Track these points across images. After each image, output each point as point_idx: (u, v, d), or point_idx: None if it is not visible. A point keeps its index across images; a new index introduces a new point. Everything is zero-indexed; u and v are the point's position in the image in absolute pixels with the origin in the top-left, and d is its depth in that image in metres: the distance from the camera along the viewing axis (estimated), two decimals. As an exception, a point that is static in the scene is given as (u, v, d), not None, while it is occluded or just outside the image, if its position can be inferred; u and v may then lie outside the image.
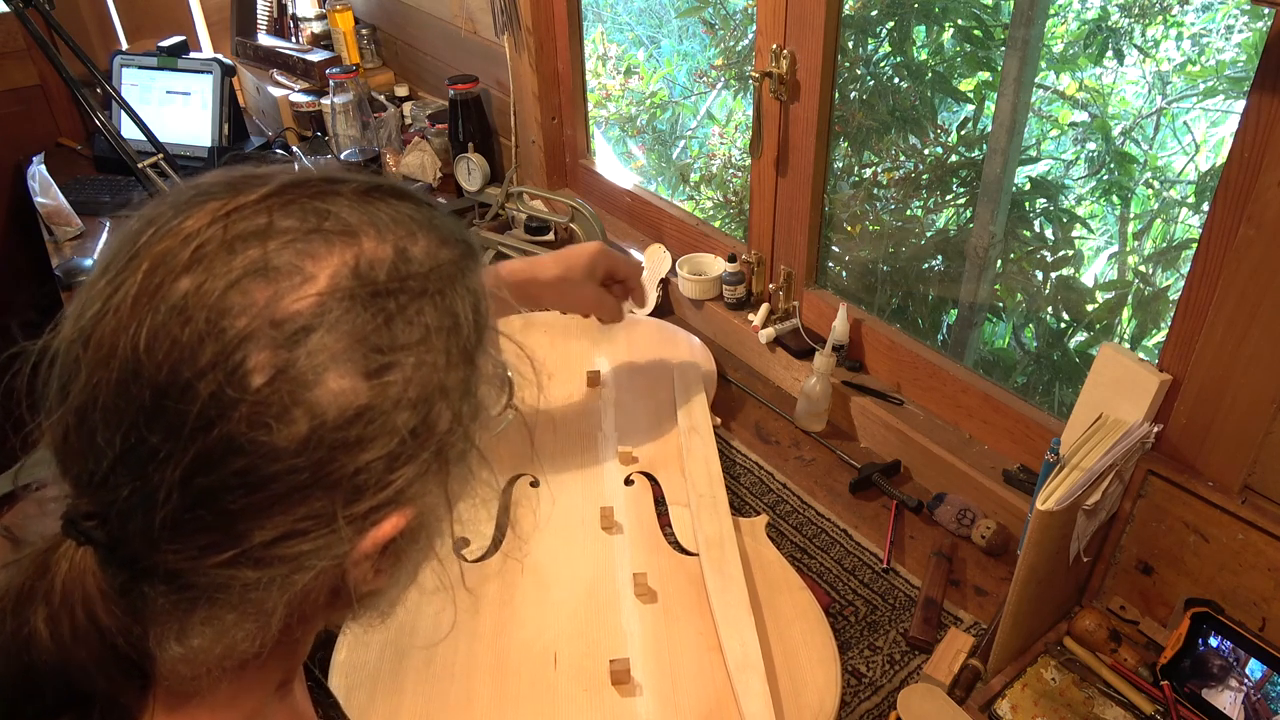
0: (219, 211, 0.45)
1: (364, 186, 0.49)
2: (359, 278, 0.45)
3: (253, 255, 0.43)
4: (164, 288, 0.43)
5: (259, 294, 0.42)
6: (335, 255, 0.45)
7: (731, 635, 0.90)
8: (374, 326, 0.44)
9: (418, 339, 0.46)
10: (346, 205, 0.47)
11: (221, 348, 0.41)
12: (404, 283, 0.46)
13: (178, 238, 0.44)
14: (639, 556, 1.01)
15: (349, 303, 0.44)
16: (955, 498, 1.11)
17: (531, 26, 1.62)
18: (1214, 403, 0.87)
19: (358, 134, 1.96)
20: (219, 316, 0.42)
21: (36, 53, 2.12)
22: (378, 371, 0.44)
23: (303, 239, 0.45)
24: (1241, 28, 1.44)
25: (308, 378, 0.42)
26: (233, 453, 0.42)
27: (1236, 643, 0.86)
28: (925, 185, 1.64)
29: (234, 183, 0.47)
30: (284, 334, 0.42)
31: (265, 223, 0.45)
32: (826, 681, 0.88)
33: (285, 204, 0.46)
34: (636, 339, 1.39)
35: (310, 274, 0.44)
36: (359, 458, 0.44)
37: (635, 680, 0.88)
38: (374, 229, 0.47)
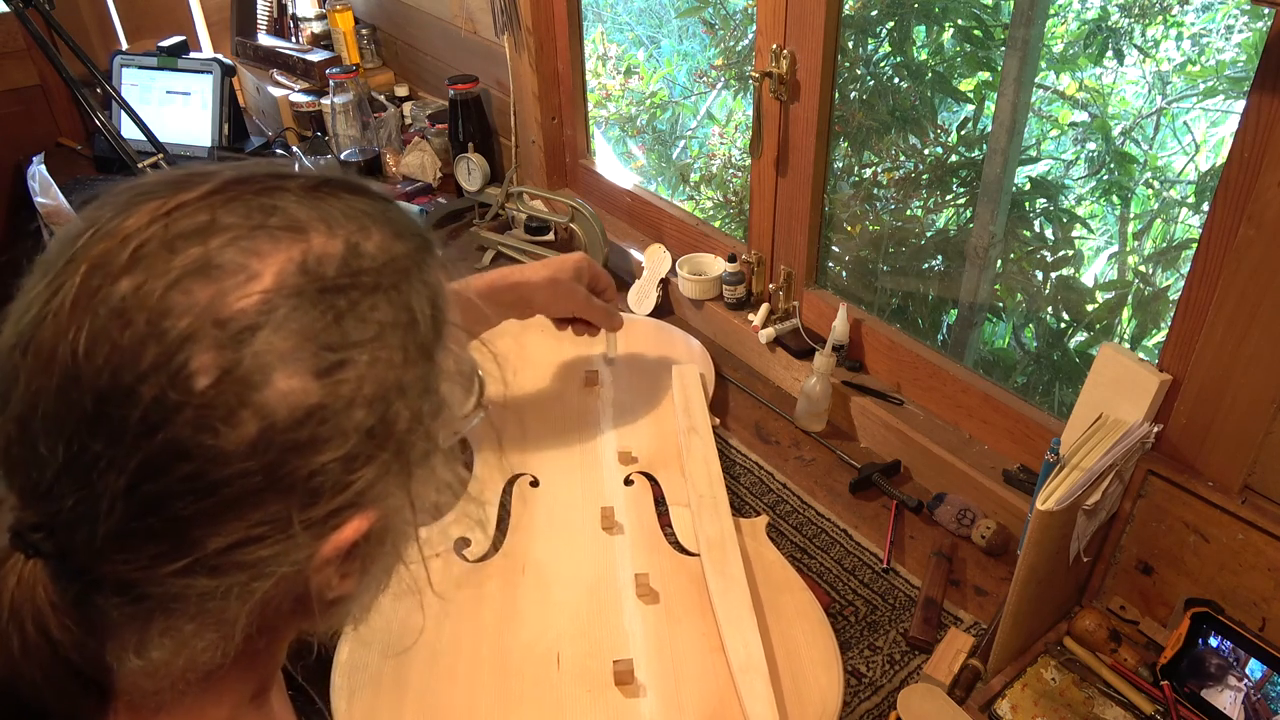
0: (159, 210, 0.43)
1: (312, 181, 0.48)
2: (307, 274, 0.43)
3: (194, 254, 0.42)
4: (103, 290, 0.41)
5: (201, 293, 0.41)
6: (282, 251, 0.43)
7: (734, 636, 0.90)
8: (324, 324, 0.43)
9: (371, 336, 0.45)
10: (294, 200, 0.46)
11: (163, 350, 0.40)
12: (355, 278, 0.45)
13: (116, 238, 0.42)
14: (640, 557, 1.01)
15: (296, 299, 0.42)
16: (955, 498, 1.11)
17: (531, 26, 1.62)
18: (1214, 403, 0.87)
19: (358, 134, 1.96)
20: (160, 318, 0.40)
21: (36, 53, 2.11)
22: (329, 370, 0.43)
23: (247, 236, 0.43)
24: (1241, 28, 1.44)
25: (254, 378, 0.41)
26: (179, 458, 0.40)
27: (1236, 643, 0.86)
28: (925, 185, 1.64)
29: (175, 181, 0.46)
30: (228, 333, 0.41)
31: (207, 220, 0.43)
32: (829, 682, 0.88)
33: (228, 200, 0.44)
34: (635, 339, 1.39)
35: (255, 271, 0.42)
36: (313, 459, 0.43)
37: (639, 681, 0.88)
38: (324, 224, 0.45)
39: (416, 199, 1.89)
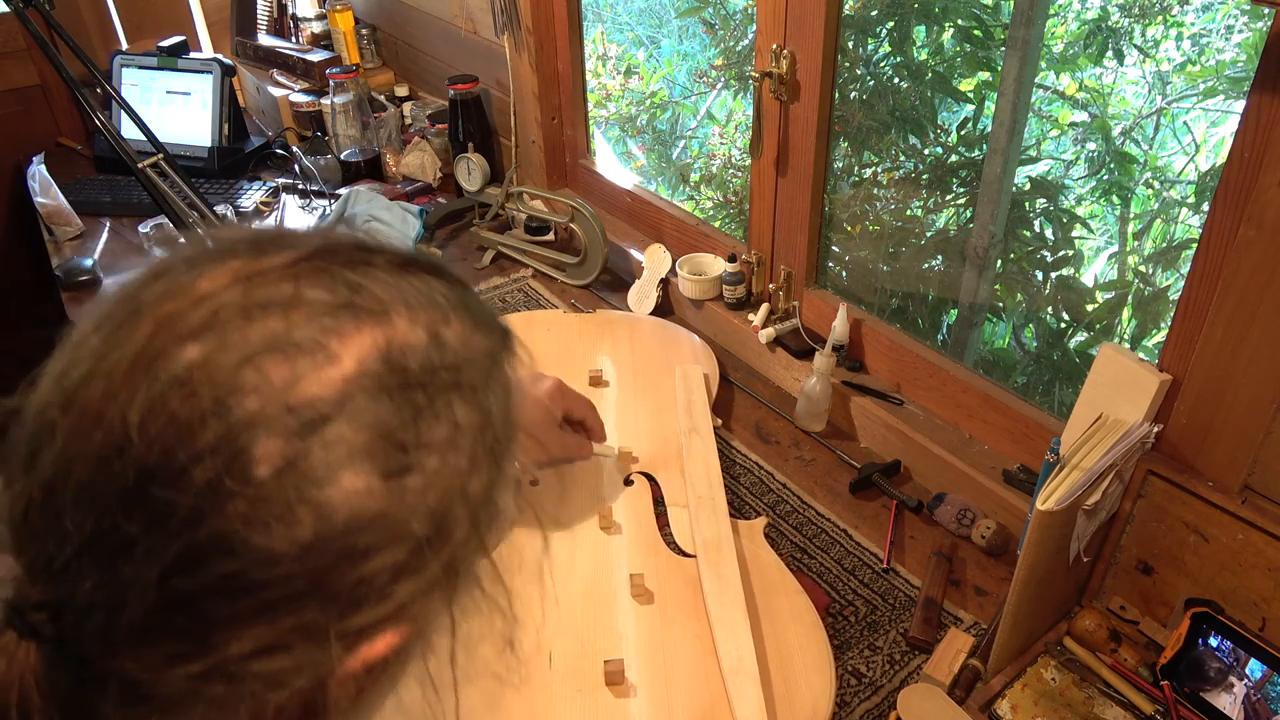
0: (240, 273, 0.40)
1: (400, 259, 0.44)
2: (388, 363, 0.40)
3: (273, 327, 0.38)
4: (167, 354, 0.37)
5: (275, 373, 0.37)
6: (365, 335, 0.40)
7: (726, 638, 0.90)
8: (399, 420, 0.39)
9: (444, 437, 0.41)
10: (380, 279, 0.42)
11: (226, 430, 0.36)
12: (436, 373, 0.41)
13: (189, 298, 0.39)
14: (636, 557, 1.01)
15: (375, 391, 0.39)
16: (955, 498, 1.11)
17: (531, 26, 1.62)
18: (1214, 403, 0.87)
19: (358, 134, 1.96)
20: (227, 394, 0.36)
21: (36, 53, 2.11)
22: (398, 472, 0.39)
23: (330, 314, 0.39)
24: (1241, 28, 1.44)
25: (319, 473, 0.37)
26: (223, 553, 0.36)
27: (1236, 643, 0.86)
28: (925, 185, 1.64)
29: (258, 242, 0.42)
30: (299, 421, 0.37)
31: (291, 291, 0.39)
32: (821, 686, 0.88)
33: (315, 272, 0.41)
34: (639, 338, 1.39)
35: (335, 354, 0.38)
36: (363, 567, 0.39)
37: (629, 681, 0.88)
38: (406, 308, 0.42)
39: (416, 199, 1.89)
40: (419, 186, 1.92)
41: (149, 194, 1.40)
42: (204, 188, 1.89)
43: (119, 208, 1.88)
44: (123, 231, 1.81)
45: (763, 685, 0.86)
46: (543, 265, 1.65)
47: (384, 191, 1.86)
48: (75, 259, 1.68)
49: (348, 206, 1.76)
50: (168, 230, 1.74)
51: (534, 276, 1.64)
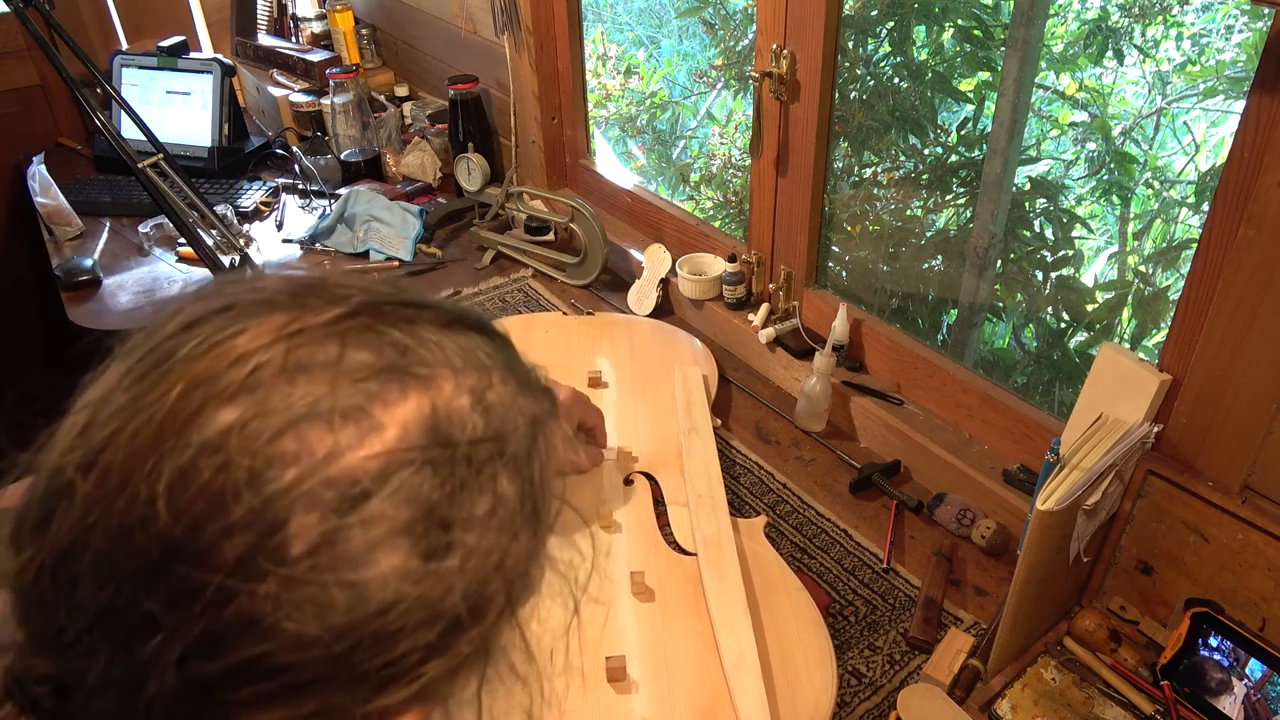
0: (282, 330, 0.37)
1: (446, 316, 0.42)
2: (434, 433, 0.37)
3: (316, 392, 0.36)
4: (201, 417, 0.35)
5: (317, 442, 0.35)
6: (410, 402, 0.37)
7: (728, 635, 0.90)
8: (443, 495, 0.37)
9: (486, 511, 0.39)
10: (426, 338, 0.40)
11: (261, 504, 0.34)
12: (480, 445, 0.39)
13: (226, 355, 0.36)
14: (637, 555, 1.02)
15: (419, 464, 0.36)
16: (955, 498, 1.11)
17: (531, 26, 1.62)
18: (1214, 403, 0.87)
19: (358, 134, 1.96)
20: (264, 464, 0.34)
21: (36, 53, 2.11)
22: (438, 552, 0.37)
23: (376, 378, 0.37)
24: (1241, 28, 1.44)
25: (358, 553, 0.35)
26: (250, 636, 0.34)
27: (1236, 643, 0.86)
28: (925, 185, 1.64)
29: (300, 292, 0.39)
30: (339, 496, 0.35)
31: (336, 352, 0.37)
32: (823, 682, 0.88)
33: (361, 330, 0.38)
34: (638, 340, 1.39)
35: (379, 423, 0.36)
36: (393, 649, 0.36)
37: (631, 678, 0.88)
38: (452, 371, 0.39)
39: (416, 199, 1.89)
40: (419, 186, 1.92)
41: (149, 194, 1.40)
42: (204, 188, 1.89)
43: (119, 208, 1.88)
44: (123, 231, 1.81)
45: (764, 681, 0.86)
46: (543, 265, 1.65)
47: (384, 191, 1.86)
48: (75, 259, 1.68)
49: (348, 206, 1.76)
50: (167, 230, 1.74)
51: (534, 276, 1.64)
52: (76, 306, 1.60)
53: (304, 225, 1.81)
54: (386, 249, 1.69)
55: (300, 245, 1.74)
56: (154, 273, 1.68)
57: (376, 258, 1.69)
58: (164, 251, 1.74)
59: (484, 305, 1.55)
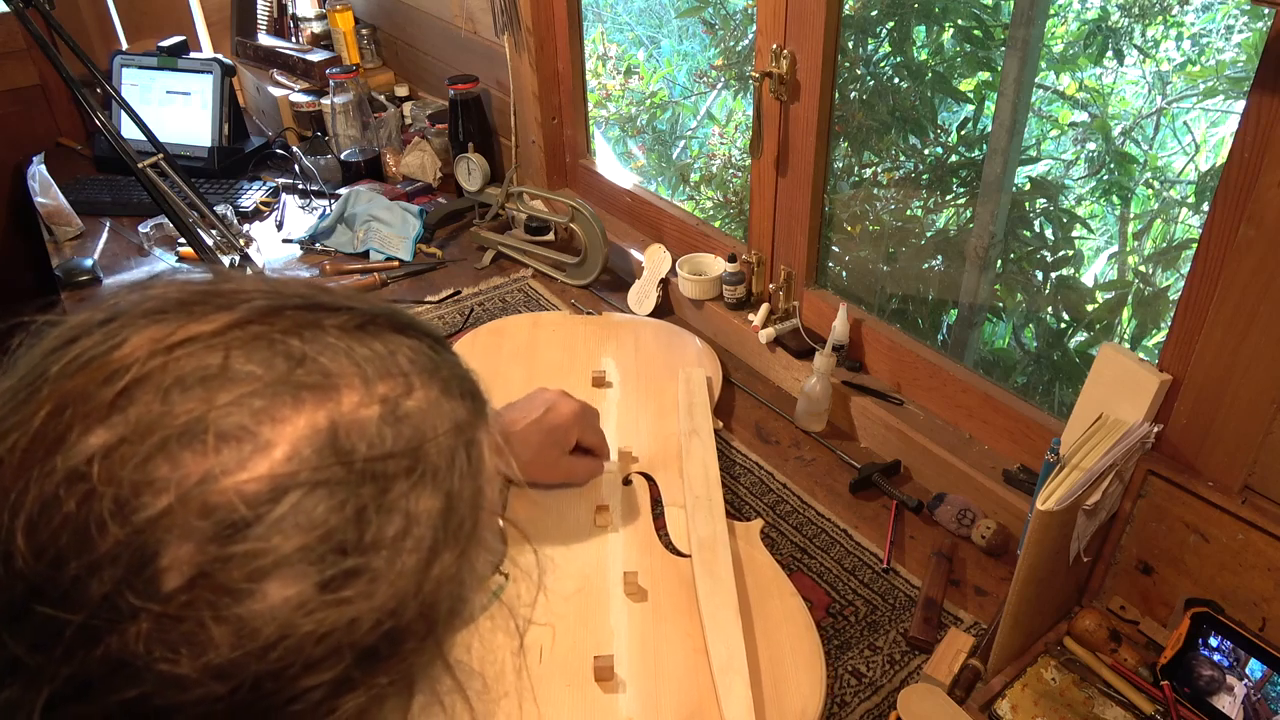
0: (161, 341, 0.34)
1: (358, 318, 0.38)
2: (333, 450, 0.34)
3: (192, 410, 0.33)
4: (66, 441, 0.32)
5: (192, 465, 0.32)
6: (303, 417, 0.34)
7: (717, 637, 0.90)
8: (341, 519, 0.34)
9: (396, 532, 0.35)
10: (329, 344, 0.36)
11: (128, 535, 0.31)
12: (389, 459, 0.35)
13: (101, 371, 0.33)
14: (631, 555, 1.02)
15: (312, 486, 0.33)
16: (955, 498, 1.11)
17: (531, 26, 1.62)
18: (1214, 403, 0.87)
19: (358, 134, 1.96)
20: (132, 492, 0.31)
21: (36, 53, 2.12)
22: (337, 581, 0.33)
23: (264, 392, 0.34)
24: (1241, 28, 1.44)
25: (240, 585, 0.31)
26: (124, 679, 0.31)
27: (1236, 643, 0.86)
28: (925, 185, 1.64)
29: (190, 299, 0.36)
30: (216, 524, 0.31)
31: (219, 364, 0.34)
32: (811, 687, 0.87)
33: (250, 340, 0.35)
34: (643, 340, 1.39)
35: (266, 441, 0.33)
36: (295, 686, 0.33)
37: (619, 677, 0.88)
38: (360, 378, 0.36)
39: (416, 199, 1.89)
40: (419, 186, 1.92)
41: (149, 194, 1.40)
42: (204, 188, 1.89)
43: (119, 208, 1.88)
44: (123, 231, 1.81)
45: (752, 685, 0.86)
46: (543, 265, 1.65)
47: (384, 191, 1.86)
48: (75, 259, 1.68)
49: (348, 206, 1.76)
50: (167, 230, 1.74)
51: (534, 276, 1.64)
52: (77, 306, 1.60)
53: (304, 225, 1.81)
54: (386, 249, 1.69)
55: (300, 245, 1.74)
56: (154, 273, 1.69)
57: (376, 258, 1.69)
58: (164, 251, 1.74)
59: (484, 305, 1.55)
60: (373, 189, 1.85)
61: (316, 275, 1.63)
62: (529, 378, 1.29)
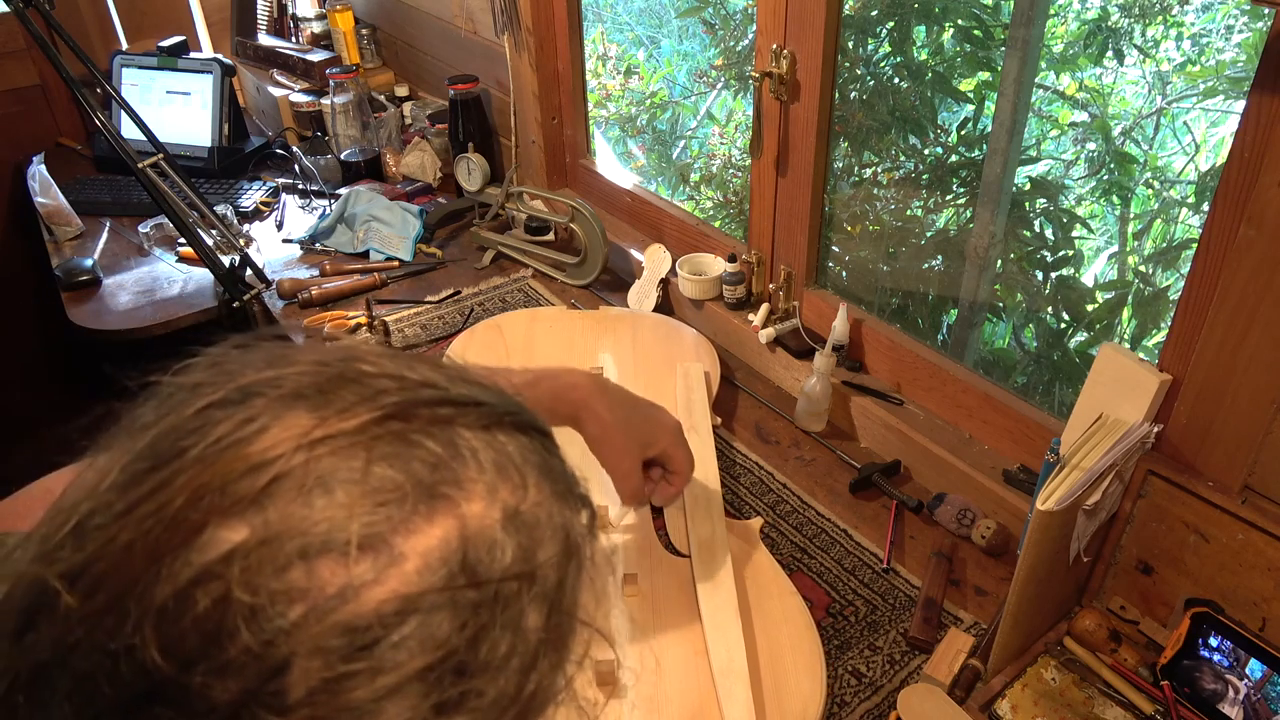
0: (306, 435, 0.33)
1: (487, 416, 0.38)
2: (461, 568, 0.33)
3: (335, 516, 0.32)
4: (205, 534, 0.31)
5: (330, 576, 0.31)
6: (436, 528, 0.34)
7: (717, 640, 0.90)
8: (462, 640, 0.33)
9: (506, 651, 0.35)
10: (460, 448, 0.36)
11: (261, 645, 0.30)
12: (508, 581, 0.35)
13: (243, 463, 0.32)
14: (630, 556, 1.01)
15: (439, 605, 0.33)
16: (955, 498, 1.11)
17: (531, 26, 1.62)
18: (1214, 403, 0.87)
19: (358, 134, 1.96)
20: (269, 600, 0.30)
21: (36, 53, 2.12)
22: (453, 703, 0.33)
23: (401, 501, 0.33)
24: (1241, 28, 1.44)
25: (362, 704, 0.31)
26: None
27: (1236, 643, 0.86)
28: (925, 185, 1.64)
29: (329, 385, 0.35)
30: (348, 641, 0.31)
31: (360, 467, 0.33)
32: (811, 688, 0.87)
33: (391, 439, 0.35)
34: (641, 335, 1.39)
35: (399, 554, 0.32)
36: None
37: (620, 681, 0.88)
38: (484, 485, 0.36)
39: (416, 199, 1.89)
40: (419, 186, 1.92)
41: (149, 194, 1.40)
42: (204, 188, 1.89)
43: (119, 208, 1.88)
44: (123, 231, 1.81)
45: (752, 686, 0.85)
46: (543, 265, 1.65)
47: (384, 191, 1.86)
48: (75, 259, 1.68)
49: (348, 206, 1.76)
50: (167, 230, 1.74)
51: (534, 276, 1.64)
52: (76, 306, 1.60)
53: (304, 225, 1.81)
54: (386, 249, 1.69)
55: (300, 245, 1.74)
56: (154, 273, 1.69)
57: (376, 257, 1.69)
58: (164, 251, 1.74)
59: (484, 305, 1.55)
60: (373, 189, 1.85)
61: (316, 275, 1.63)
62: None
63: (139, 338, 1.55)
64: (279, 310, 1.55)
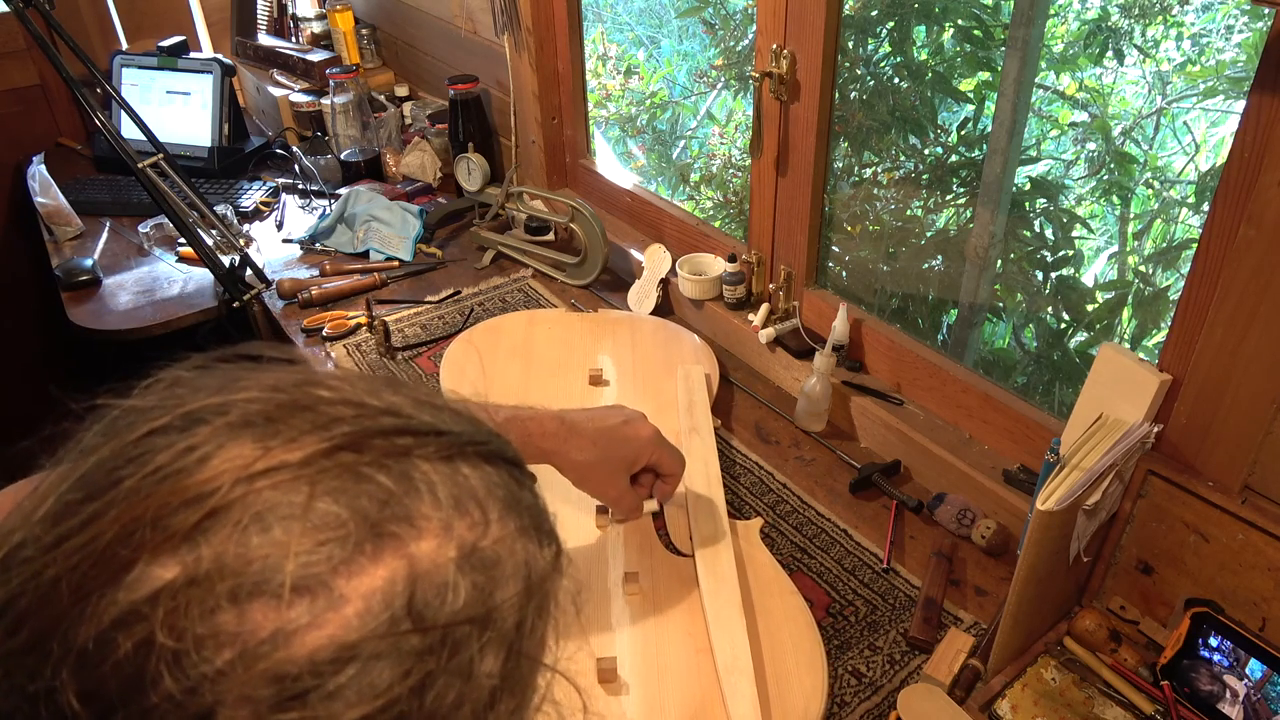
0: (246, 467, 0.31)
1: (448, 447, 0.36)
2: (407, 611, 0.31)
3: (269, 555, 0.30)
4: (134, 570, 0.29)
5: (261, 619, 0.29)
6: (381, 568, 0.32)
7: (722, 637, 0.90)
8: (404, 689, 0.31)
9: (455, 698, 0.32)
10: (415, 481, 0.34)
11: (183, 691, 0.28)
12: (460, 625, 0.33)
13: (179, 495, 0.31)
14: (632, 556, 1.01)
15: (381, 653, 0.31)
16: (955, 498, 1.11)
17: (531, 26, 1.62)
18: (1214, 403, 0.87)
19: (358, 134, 1.96)
20: (195, 644, 0.28)
21: (36, 53, 2.12)
22: None
23: (345, 540, 0.31)
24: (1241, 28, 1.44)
25: None
26: None
27: (1236, 643, 0.86)
28: (925, 185, 1.64)
29: (278, 412, 0.34)
30: (277, 689, 0.29)
31: (302, 502, 0.31)
32: (813, 686, 0.87)
33: (339, 472, 0.33)
34: (641, 338, 1.39)
35: (340, 596, 0.30)
36: None
37: (622, 679, 0.88)
38: (439, 521, 0.34)
39: (416, 199, 1.89)
40: (419, 186, 1.92)
41: (149, 194, 1.40)
42: (204, 188, 1.89)
43: (119, 208, 1.88)
44: (123, 231, 1.81)
45: (756, 684, 0.86)
46: (543, 265, 1.65)
47: (384, 191, 1.86)
48: (75, 259, 1.68)
49: (348, 206, 1.76)
50: (167, 230, 1.74)
51: (534, 276, 1.64)
52: (76, 306, 1.60)
53: (304, 225, 1.81)
54: (386, 249, 1.69)
55: (300, 245, 1.74)
56: (154, 273, 1.69)
57: (376, 257, 1.69)
58: (164, 251, 1.74)
59: (484, 305, 1.55)
60: (373, 189, 1.86)
61: (316, 275, 1.63)
62: (525, 375, 1.29)
63: (139, 338, 1.55)
64: (279, 310, 1.55)
